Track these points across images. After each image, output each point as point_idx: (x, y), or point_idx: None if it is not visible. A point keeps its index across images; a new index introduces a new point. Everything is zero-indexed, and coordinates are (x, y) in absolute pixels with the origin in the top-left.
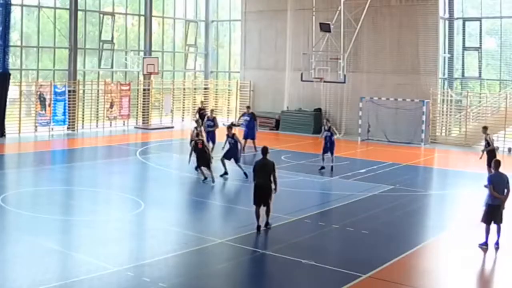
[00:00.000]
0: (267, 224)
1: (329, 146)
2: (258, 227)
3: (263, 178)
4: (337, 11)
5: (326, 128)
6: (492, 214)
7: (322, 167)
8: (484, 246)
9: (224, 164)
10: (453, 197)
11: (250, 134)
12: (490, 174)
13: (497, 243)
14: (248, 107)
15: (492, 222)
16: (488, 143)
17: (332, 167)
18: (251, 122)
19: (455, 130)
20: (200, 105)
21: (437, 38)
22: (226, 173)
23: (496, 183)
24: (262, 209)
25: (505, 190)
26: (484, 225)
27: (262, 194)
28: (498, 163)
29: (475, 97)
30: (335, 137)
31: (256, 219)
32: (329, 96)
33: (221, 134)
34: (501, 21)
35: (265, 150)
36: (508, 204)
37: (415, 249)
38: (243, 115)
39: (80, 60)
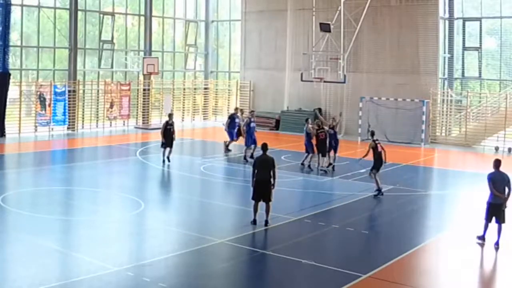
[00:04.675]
0: (266, 222)
1: (334, 145)
2: (254, 220)
3: (264, 173)
4: (337, 11)
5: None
6: (493, 212)
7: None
8: (481, 240)
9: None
10: (453, 197)
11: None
12: (490, 173)
13: (497, 243)
14: (236, 109)
15: (494, 220)
16: (376, 147)
17: (333, 166)
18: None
19: (455, 130)
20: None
21: (437, 38)
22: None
23: (496, 181)
24: (260, 205)
25: (506, 189)
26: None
27: (263, 190)
28: (498, 162)
29: (475, 97)
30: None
31: (254, 213)
32: (329, 96)
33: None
34: (501, 21)
35: (265, 147)
36: (509, 204)
37: (415, 249)
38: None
39: (80, 60)
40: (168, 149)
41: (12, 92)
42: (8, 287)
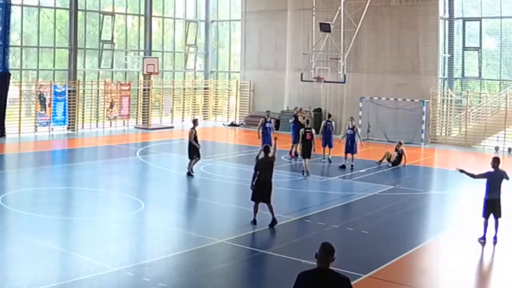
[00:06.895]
0: (274, 220)
1: (350, 145)
2: (254, 221)
3: (266, 175)
4: (337, 11)
5: (350, 126)
6: (490, 208)
7: (343, 166)
8: (482, 240)
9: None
10: (453, 197)
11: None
12: (489, 171)
13: (495, 237)
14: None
15: (492, 216)
16: (305, 135)
17: (352, 166)
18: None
19: (455, 130)
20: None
21: (437, 38)
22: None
23: (493, 179)
24: (261, 206)
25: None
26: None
27: (265, 191)
28: (497, 161)
29: (475, 97)
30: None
31: (254, 213)
32: (329, 96)
33: None
34: (501, 21)
35: (266, 149)
36: (507, 201)
37: (415, 249)
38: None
39: (80, 60)
40: (196, 159)
41: (12, 92)
42: (8, 287)
